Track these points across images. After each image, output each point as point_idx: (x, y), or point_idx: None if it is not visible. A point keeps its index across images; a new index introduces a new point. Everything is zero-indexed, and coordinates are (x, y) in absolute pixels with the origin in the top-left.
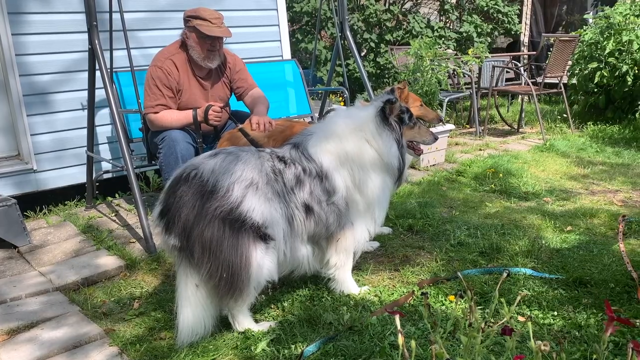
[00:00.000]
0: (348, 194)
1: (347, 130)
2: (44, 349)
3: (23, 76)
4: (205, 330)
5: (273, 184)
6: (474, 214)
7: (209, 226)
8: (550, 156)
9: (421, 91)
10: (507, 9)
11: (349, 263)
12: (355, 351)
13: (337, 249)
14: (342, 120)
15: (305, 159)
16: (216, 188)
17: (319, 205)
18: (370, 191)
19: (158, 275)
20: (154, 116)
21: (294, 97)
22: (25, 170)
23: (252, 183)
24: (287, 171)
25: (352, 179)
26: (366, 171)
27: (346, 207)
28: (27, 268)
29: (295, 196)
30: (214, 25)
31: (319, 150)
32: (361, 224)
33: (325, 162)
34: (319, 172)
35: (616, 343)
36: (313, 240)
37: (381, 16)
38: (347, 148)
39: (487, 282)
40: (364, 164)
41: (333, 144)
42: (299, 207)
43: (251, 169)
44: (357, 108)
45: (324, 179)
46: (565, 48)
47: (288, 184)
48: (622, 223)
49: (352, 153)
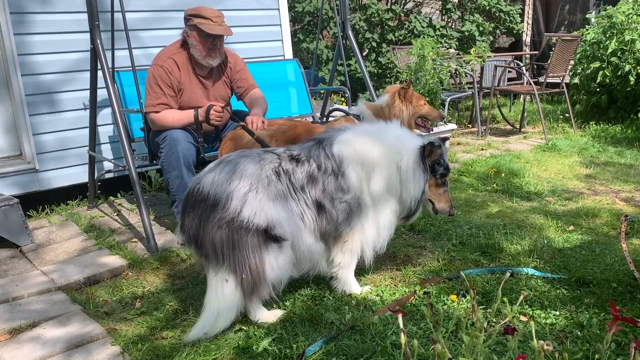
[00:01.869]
0: (361, 195)
1: (386, 142)
2: (46, 348)
3: (25, 76)
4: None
5: (276, 185)
6: (476, 213)
7: (217, 236)
8: (552, 156)
9: (423, 91)
10: (509, 8)
11: (353, 263)
12: (357, 350)
13: (343, 248)
14: (390, 130)
15: (324, 156)
16: (216, 200)
17: (330, 203)
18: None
19: (160, 275)
20: (155, 115)
21: (295, 96)
22: (27, 170)
23: (251, 189)
24: (298, 170)
25: (367, 179)
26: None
27: (358, 207)
28: (29, 267)
29: (306, 194)
30: (215, 24)
31: (345, 147)
32: (371, 227)
33: (346, 159)
34: (334, 169)
35: (618, 343)
36: (323, 238)
37: (383, 16)
38: (375, 156)
39: (489, 282)
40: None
41: (365, 145)
42: (309, 204)
43: (249, 176)
44: (404, 130)
45: (340, 176)
46: (568, 47)
47: (298, 183)
48: (624, 223)
49: (377, 162)
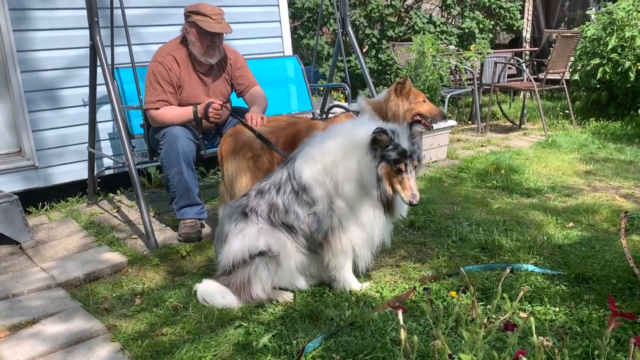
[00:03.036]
0: (334, 200)
1: (343, 140)
2: (46, 345)
3: (25, 72)
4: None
5: (243, 224)
6: (475, 210)
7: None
8: (552, 152)
9: (423, 87)
10: (509, 4)
11: (347, 264)
12: (357, 347)
13: (333, 252)
14: (346, 127)
15: (287, 177)
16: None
17: (297, 220)
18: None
19: (159, 272)
20: (155, 112)
21: (295, 93)
22: (27, 167)
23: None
24: (262, 202)
25: (334, 183)
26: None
27: (329, 213)
28: (29, 264)
29: (272, 222)
30: (214, 21)
31: (304, 161)
32: (354, 227)
33: (305, 174)
34: (295, 187)
35: (618, 339)
36: (310, 249)
37: (383, 11)
38: (335, 159)
39: (489, 278)
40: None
41: (323, 151)
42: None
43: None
44: (361, 122)
45: (301, 192)
46: (568, 44)
47: (263, 215)
48: (624, 219)
49: (337, 164)
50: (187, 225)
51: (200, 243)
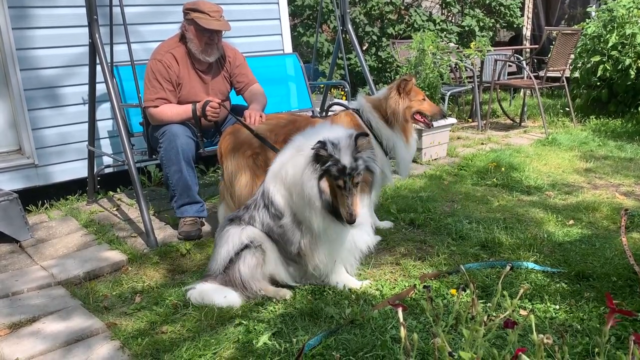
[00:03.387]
0: (301, 211)
1: (300, 151)
2: (46, 343)
3: (24, 70)
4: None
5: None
6: (475, 208)
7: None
8: (552, 150)
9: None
10: (509, 2)
11: (337, 267)
12: (357, 345)
13: (311, 263)
14: (307, 136)
15: (261, 192)
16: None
17: (273, 233)
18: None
19: (159, 270)
20: (154, 110)
21: (295, 91)
22: (26, 165)
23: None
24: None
25: (295, 195)
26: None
27: (295, 225)
28: (29, 262)
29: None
30: (212, 19)
31: (269, 175)
32: (322, 238)
33: (269, 186)
34: (265, 201)
35: (618, 336)
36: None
37: (383, 9)
38: (295, 170)
39: (489, 276)
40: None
41: (282, 163)
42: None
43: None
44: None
45: (270, 206)
46: (568, 41)
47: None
48: (624, 217)
49: (293, 175)
50: (187, 224)
51: (200, 241)
